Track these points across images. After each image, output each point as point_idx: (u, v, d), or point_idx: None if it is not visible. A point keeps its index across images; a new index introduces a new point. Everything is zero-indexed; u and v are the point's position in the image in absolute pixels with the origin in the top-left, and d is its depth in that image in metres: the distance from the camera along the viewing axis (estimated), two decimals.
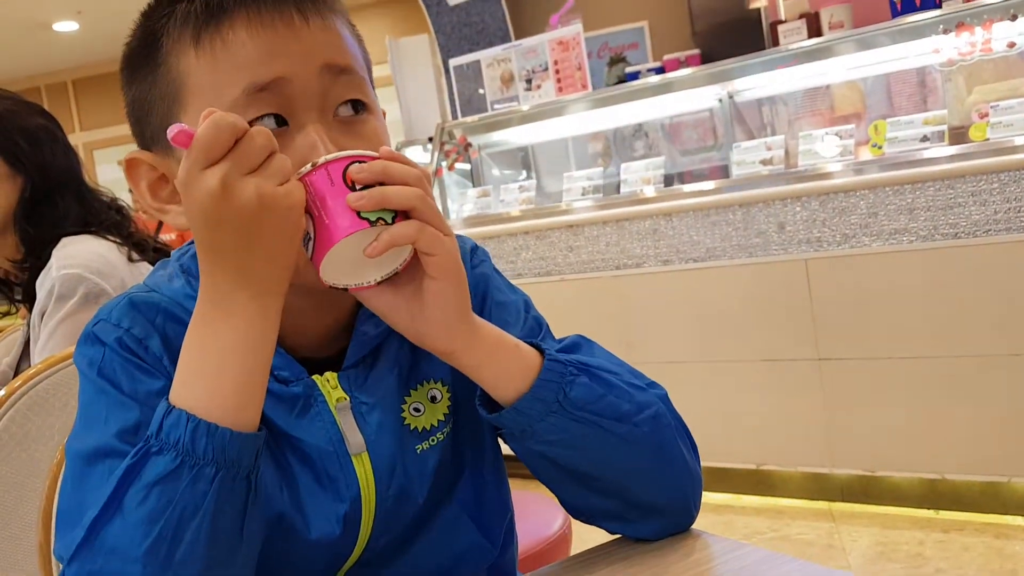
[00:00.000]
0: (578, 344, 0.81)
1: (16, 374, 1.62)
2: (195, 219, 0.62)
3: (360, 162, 0.64)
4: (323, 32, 0.72)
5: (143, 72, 0.74)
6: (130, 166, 0.76)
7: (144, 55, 0.74)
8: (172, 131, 0.60)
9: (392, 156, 0.66)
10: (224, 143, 0.59)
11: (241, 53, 0.69)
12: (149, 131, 0.75)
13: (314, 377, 0.75)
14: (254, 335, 0.64)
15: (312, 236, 0.63)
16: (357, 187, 0.63)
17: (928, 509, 2.72)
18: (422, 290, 0.68)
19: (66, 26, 8.36)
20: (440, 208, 0.73)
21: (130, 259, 1.54)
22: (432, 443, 0.79)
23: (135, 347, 0.72)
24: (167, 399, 0.63)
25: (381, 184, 0.64)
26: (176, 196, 0.74)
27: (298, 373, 0.75)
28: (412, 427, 0.78)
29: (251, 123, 0.67)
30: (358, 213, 0.62)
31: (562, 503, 0.81)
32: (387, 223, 0.63)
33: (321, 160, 0.63)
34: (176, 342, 0.71)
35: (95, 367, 0.71)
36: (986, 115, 2.62)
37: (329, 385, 0.75)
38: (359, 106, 0.74)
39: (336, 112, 0.72)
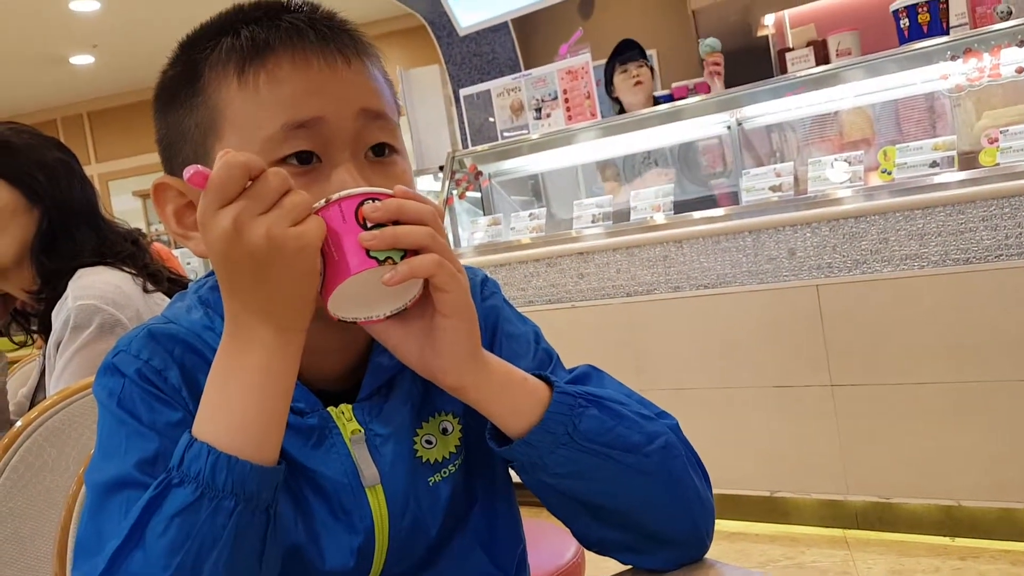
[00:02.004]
0: (588, 375, 0.82)
1: (32, 405, 1.64)
2: (213, 257, 0.63)
3: (374, 199, 0.65)
4: (362, 77, 0.73)
5: (179, 100, 0.75)
6: (157, 191, 0.77)
7: (183, 84, 0.75)
8: (188, 172, 0.61)
9: (406, 194, 0.66)
10: (238, 183, 0.60)
11: (284, 88, 0.70)
12: (181, 158, 0.76)
13: (329, 409, 0.76)
14: (274, 370, 0.64)
15: (322, 271, 0.64)
16: (369, 225, 0.64)
17: (944, 536, 2.69)
18: (433, 326, 0.69)
19: (82, 59, 8.48)
20: (451, 236, 0.74)
21: (145, 290, 1.55)
22: (444, 475, 0.79)
23: (154, 378, 0.72)
24: (190, 431, 0.64)
25: (395, 222, 0.64)
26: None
27: (313, 405, 0.75)
28: (424, 459, 0.78)
29: (286, 158, 0.69)
30: (367, 251, 0.63)
31: (574, 534, 0.81)
32: (395, 262, 0.64)
33: (335, 196, 0.64)
34: (194, 373, 0.72)
35: (115, 398, 0.72)
36: (996, 140, 2.63)
37: (344, 417, 0.76)
38: (389, 149, 0.75)
39: (367, 153, 0.73)
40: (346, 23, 0.76)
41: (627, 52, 4.12)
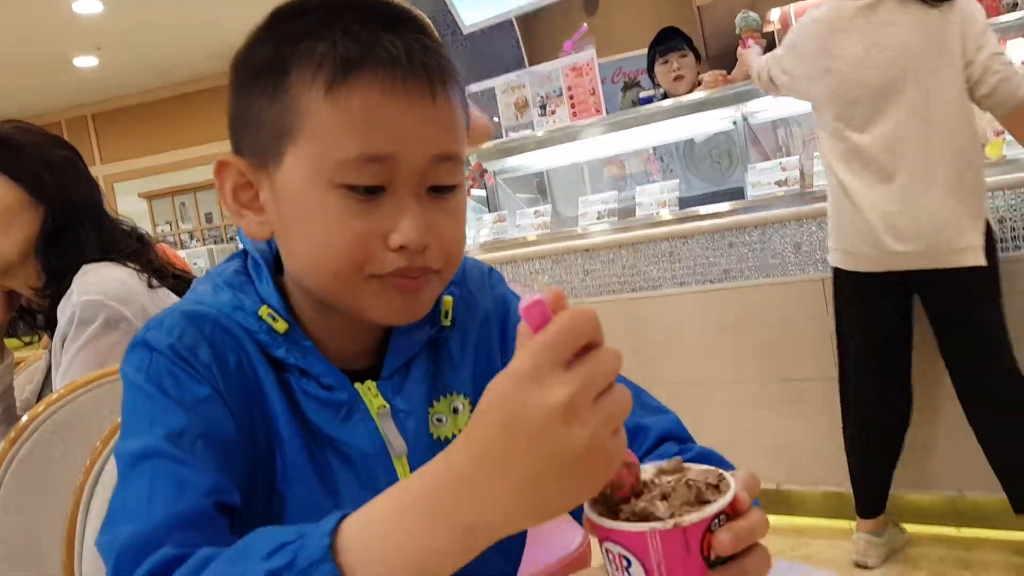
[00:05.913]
0: None
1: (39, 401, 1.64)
2: (509, 417, 0.51)
3: (723, 515, 0.57)
4: (443, 115, 0.73)
5: (261, 87, 0.73)
6: (219, 168, 0.77)
7: (268, 71, 0.73)
8: (527, 301, 0.51)
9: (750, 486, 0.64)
10: (574, 349, 0.51)
11: (367, 116, 0.69)
12: (248, 142, 0.75)
13: (356, 385, 0.78)
14: (456, 553, 0.54)
15: None
16: (712, 556, 0.56)
17: (950, 526, 2.69)
18: None
19: (86, 61, 8.50)
20: None
21: (150, 286, 1.55)
22: None
23: (186, 354, 0.73)
24: (338, 521, 0.55)
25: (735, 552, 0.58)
26: (254, 203, 0.76)
27: (342, 381, 0.78)
28: (435, 436, 0.81)
29: (351, 188, 0.70)
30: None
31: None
32: None
33: (686, 522, 0.55)
34: (223, 350, 0.74)
35: (143, 372, 0.72)
36: (1001, 133, 2.62)
37: (370, 393, 0.79)
38: (452, 187, 0.75)
39: (429, 188, 0.73)
40: (440, 49, 0.74)
41: (667, 42, 3.91)
